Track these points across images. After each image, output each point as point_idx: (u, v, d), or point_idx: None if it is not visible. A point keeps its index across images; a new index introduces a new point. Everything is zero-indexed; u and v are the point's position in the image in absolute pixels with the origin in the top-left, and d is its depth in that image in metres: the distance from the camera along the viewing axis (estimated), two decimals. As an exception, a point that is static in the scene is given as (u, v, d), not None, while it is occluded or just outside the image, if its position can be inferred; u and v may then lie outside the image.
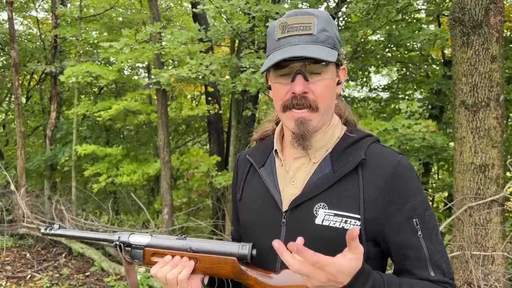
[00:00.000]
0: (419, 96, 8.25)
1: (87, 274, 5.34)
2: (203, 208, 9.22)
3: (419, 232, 1.01)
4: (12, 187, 6.73)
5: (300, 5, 5.86)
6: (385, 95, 8.33)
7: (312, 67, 1.02)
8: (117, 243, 1.15)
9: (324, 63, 1.02)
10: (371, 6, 4.78)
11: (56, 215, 6.56)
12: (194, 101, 11.37)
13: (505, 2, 4.04)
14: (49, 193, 8.07)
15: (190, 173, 7.19)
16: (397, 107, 8.13)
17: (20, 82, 8.40)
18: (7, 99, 11.30)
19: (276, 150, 1.17)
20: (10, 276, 5.15)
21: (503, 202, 3.75)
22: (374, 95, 8.31)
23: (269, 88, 1.16)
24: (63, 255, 5.98)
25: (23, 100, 10.40)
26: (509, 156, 5.91)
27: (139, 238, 1.15)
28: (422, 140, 4.35)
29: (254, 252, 1.08)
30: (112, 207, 7.30)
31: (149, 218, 6.87)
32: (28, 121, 10.20)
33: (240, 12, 5.33)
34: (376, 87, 8.27)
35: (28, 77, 11.16)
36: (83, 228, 6.49)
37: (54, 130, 8.61)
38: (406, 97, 8.15)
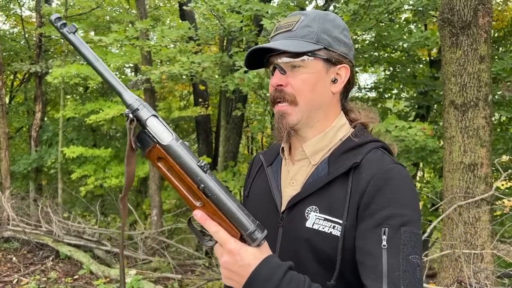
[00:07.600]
0: (406, 96, 8.32)
1: (75, 277, 5.25)
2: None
3: (384, 243, 0.91)
4: (-3, 189, 6.59)
5: (290, 4, 5.86)
6: (372, 94, 8.37)
7: (291, 62, 1.03)
8: (131, 116, 0.91)
9: (304, 57, 1.02)
10: (361, 6, 4.79)
11: (43, 217, 6.44)
12: (183, 101, 11.28)
13: (493, 3, 4.11)
14: (34, 195, 7.93)
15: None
16: (384, 106, 8.18)
17: (4, 82, 8.22)
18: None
19: (283, 148, 1.16)
20: (-5, 281, 5.04)
21: (491, 201, 3.80)
22: (361, 94, 8.34)
23: None
24: (50, 258, 5.86)
25: (6, 100, 10.17)
26: (498, 155, 5.99)
27: (160, 130, 0.91)
28: (415, 142, 4.37)
29: (264, 242, 0.97)
30: (99, 209, 7.19)
31: (137, 219, 6.80)
32: (13, 122, 9.99)
33: (230, 11, 5.30)
34: (363, 86, 8.31)
35: (11, 77, 10.94)
36: (70, 231, 6.39)
37: (39, 131, 8.46)
38: (393, 97, 8.20)
